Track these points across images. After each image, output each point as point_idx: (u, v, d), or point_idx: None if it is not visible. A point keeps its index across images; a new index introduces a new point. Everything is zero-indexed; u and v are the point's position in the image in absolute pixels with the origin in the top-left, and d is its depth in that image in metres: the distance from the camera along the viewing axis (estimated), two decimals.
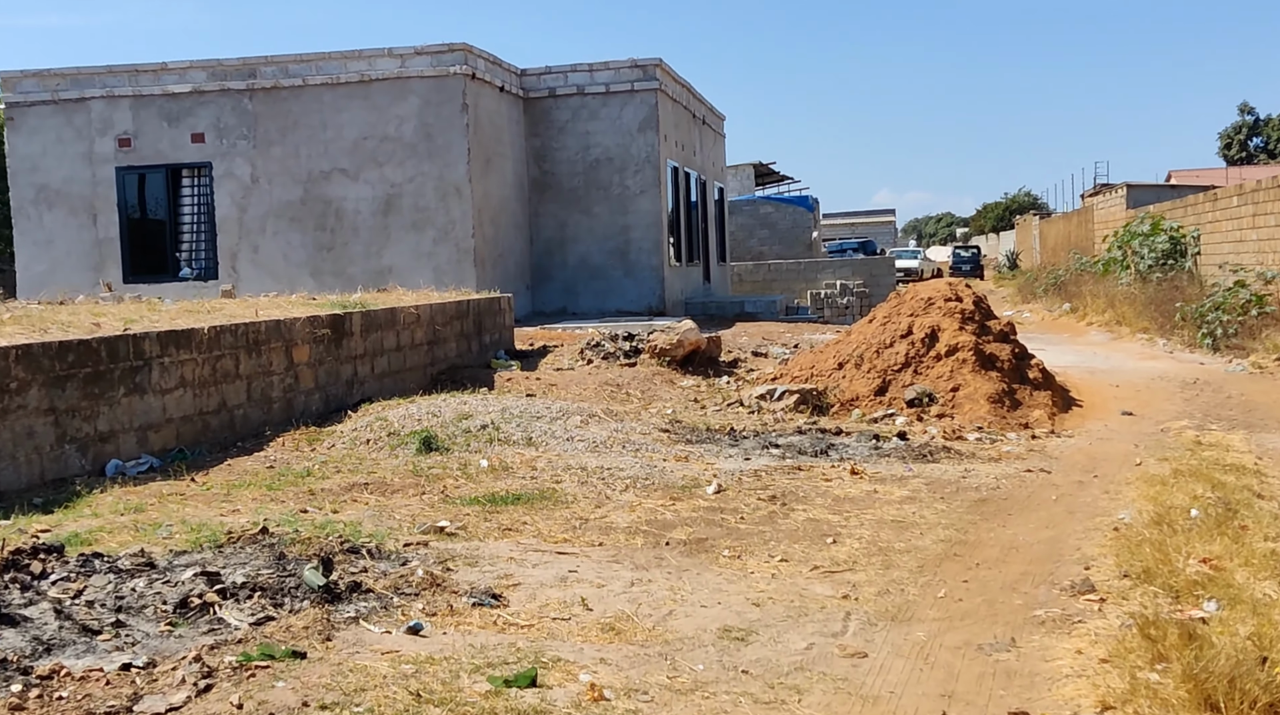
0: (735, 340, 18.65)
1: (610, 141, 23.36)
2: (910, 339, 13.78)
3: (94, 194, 20.90)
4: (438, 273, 20.44)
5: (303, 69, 20.59)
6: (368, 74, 20.48)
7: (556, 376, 15.00)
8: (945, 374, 13.40)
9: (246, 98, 20.71)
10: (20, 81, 20.90)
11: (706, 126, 29.15)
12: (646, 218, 23.39)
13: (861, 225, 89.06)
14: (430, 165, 20.52)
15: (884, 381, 13.50)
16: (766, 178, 53.23)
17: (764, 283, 33.80)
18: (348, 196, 20.71)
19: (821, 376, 14.05)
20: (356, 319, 12.60)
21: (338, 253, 20.78)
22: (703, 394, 14.52)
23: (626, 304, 23.43)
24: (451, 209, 20.52)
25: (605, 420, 11.01)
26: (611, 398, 14.02)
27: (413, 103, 20.46)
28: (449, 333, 15.20)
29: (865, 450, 10.54)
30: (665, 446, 10.20)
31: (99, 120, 20.82)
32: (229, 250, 20.91)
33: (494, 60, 21.75)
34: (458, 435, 9.82)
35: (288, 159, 20.73)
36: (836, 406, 13.37)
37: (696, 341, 16.06)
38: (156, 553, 5.97)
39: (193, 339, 9.66)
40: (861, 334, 14.40)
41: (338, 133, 20.62)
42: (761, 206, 38.66)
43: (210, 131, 20.75)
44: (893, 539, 7.12)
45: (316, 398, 11.66)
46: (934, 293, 14.28)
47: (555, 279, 23.73)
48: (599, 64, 23.34)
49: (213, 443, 9.80)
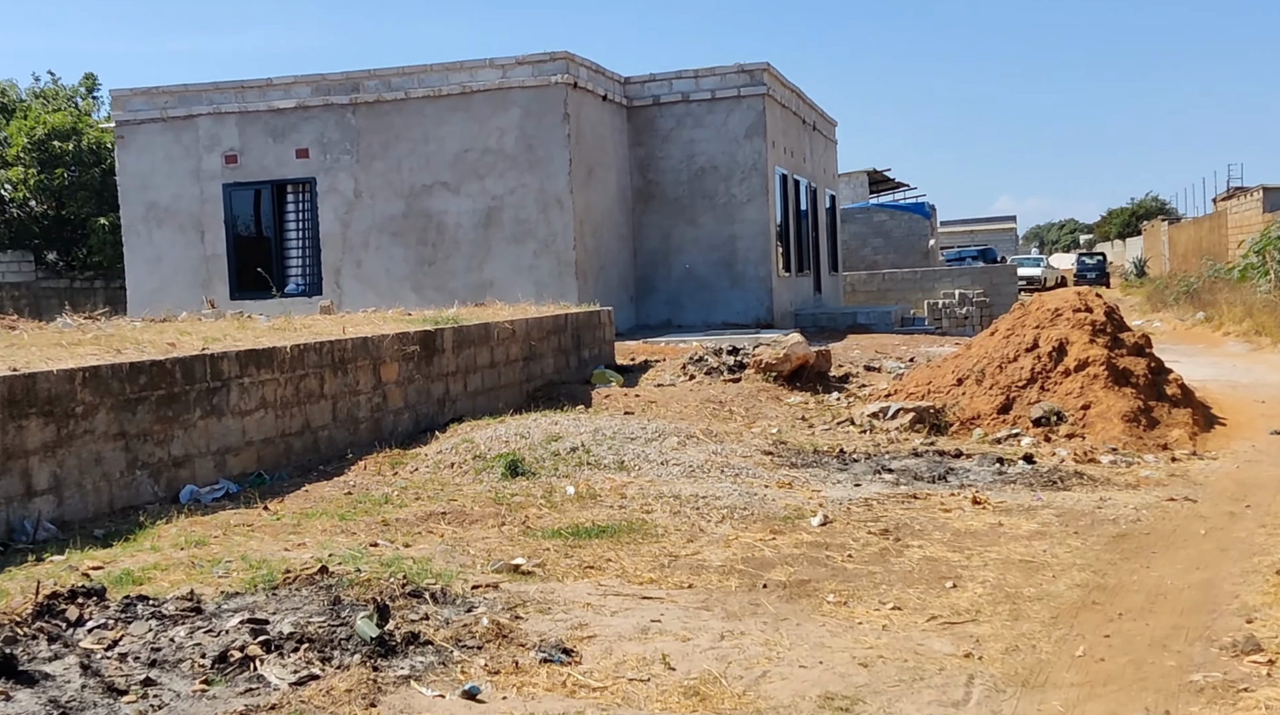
0: (846, 354, 17.83)
1: (716, 149, 22.71)
2: (1036, 353, 12.88)
3: (201, 211, 20.95)
4: (538, 286, 20.02)
5: (405, 82, 20.37)
6: (469, 85, 20.17)
7: (656, 393, 14.39)
8: (1075, 390, 12.47)
9: (350, 112, 20.57)
10: (130, 100, 21.07)
11: (817, 132, 28.34)
12: (753, 227, 22.68)
13: (981, 233, 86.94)
14: (531, 177, 20.11)
15: (1007, 398, 12.62)
16: (881, 185, 52.04)
17: (878, 293, 32.77)
18: (449, 210, 20.41)
19: (939, 393, 13.22)
20: (448, 335, 12.16)
21: (439, 267, 20.49)
22: (810, 412, 13.79)
23: (733, 316, 22.74)
24: (552, 221, 20.09)
25: (704, 441, 10.36)
26: (713, 416, 13.37)
27: (514, 113, 20.09)
28: (545, 348, 14.71)
29: (988, 475, 9.71)
30: (768, 471, 9.51)
31: (206, 137, 20.88)
32: (332, 266, 20.78)
33: (597, 69, 21.29)
34: (546, 458, 9.26)
35: (390, 173, 20.52)
36: (955, 425, 12.53)
37: (804, 356, 15.32)
38: (207, 595, 5.50)
39: (274, 358, 9.28)
40: (982, 347, 13.52)
41: (439, 145, 20.35)
42: (875, 214, 37.61)
43: (314, 147, 20.66)
44: (1021, 582, 6.34)
45: (406, 417, 11.23)
46: (1061, 303, 13.34)
47: (659, 291, 23.15)
48: (704, 70, 22.72)
49: (295, 466, 9.40)
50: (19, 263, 31.44)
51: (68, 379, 7.22)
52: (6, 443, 6.80)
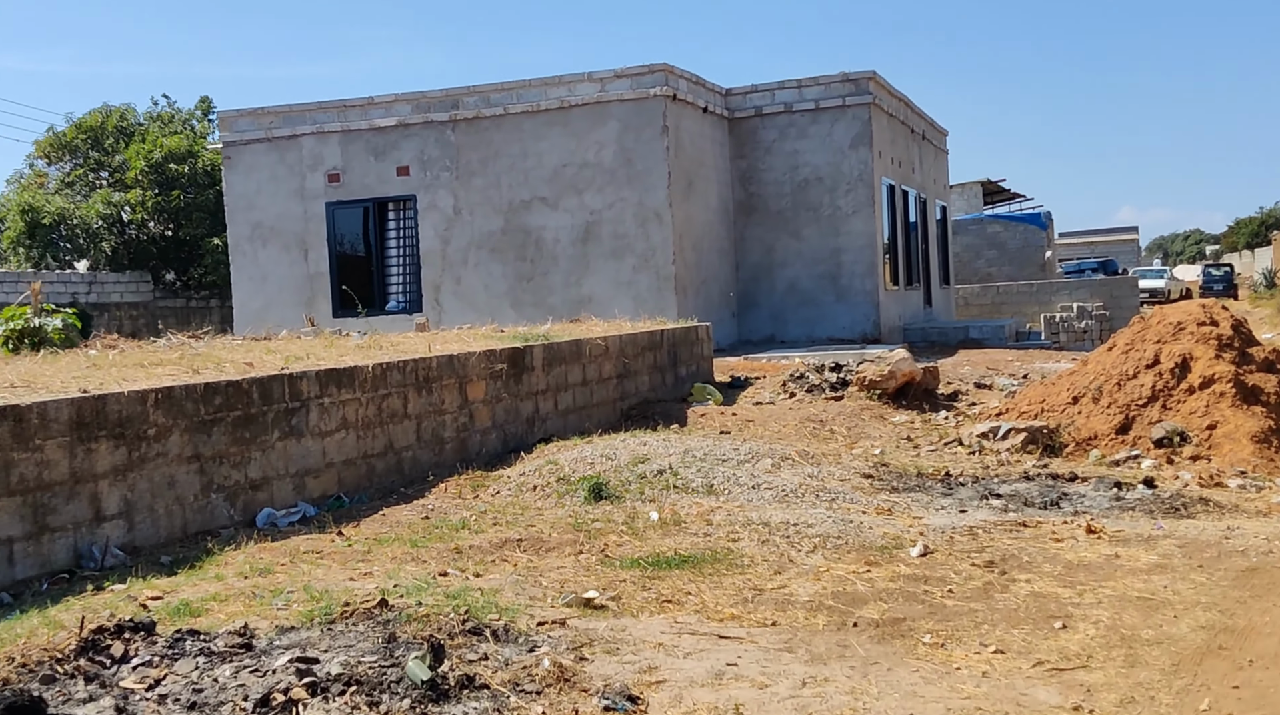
0: (956, 370, 17.16)
1: (820, 160, 22.19)
2: (1157, 369, 12.14)
3: (305, 230, 21.12)
4: (637, 301, 19.72)
5: (504, 98, 20.28)
6: (567, 100, 20.00)
7: (754, 411, 13.95)
8: (1199, 409, 11.71)
9: (449, 129, 20.55)
10: (236, 121, 21.36)
11: (926, 142, 27.60)
12: (859, 239, 22.09)
13: (1101, 244, 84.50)
14: (630, 191, 19.84)
15: (1126, 418, 11.91)
16: (996, 196, 50.74)
17: (992, 306, 31.82)
18: (547, 225, 20.24)
19: (1053, 412, 12.54)
20: (537, 353, 11.89)
21: (537, 283, 20.32)
22: (916, 431, 13.21)
23: (838, 331, 22.17)
24: (651, 235, 19.78)
25: (799, 463, 9.90)
26: (813, 435, 12.88)
27: (612, 127, 19.85)
28: (640, 365, 14.37)
29: (1104, 501, 9.08)
30: (866, 495, 9.02)
31: (309, 156, 21.05)
32: (432, 283, 20.76)
33: (696, 80, 20.96)
34: (631, 481, 8.90)
35: (489, 189, 20.44)
36: (1071, 446, 11.86)
37: (910, 372, 14.73)
38: (261, 629, 5.24)
39: (355, 378, 9.09)
40: (1099, 364, 12.81)
41: (538, 161, 20.20)
42: (989, 225, 36.59)
43: (414, 164, 20.68)
44: (1138, 623, 5.77)
45: (493, 437, 10.98)
46: (1184, 316, 12.57)
47: (762, 306, 22.67)
48: (808, 79, 22.24)
49: (377, 487, 9.19)
50: (137, 283, 32.24)
51: (139, 400, 7.09)
52: (75, 466, 6.67)
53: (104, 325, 30.41)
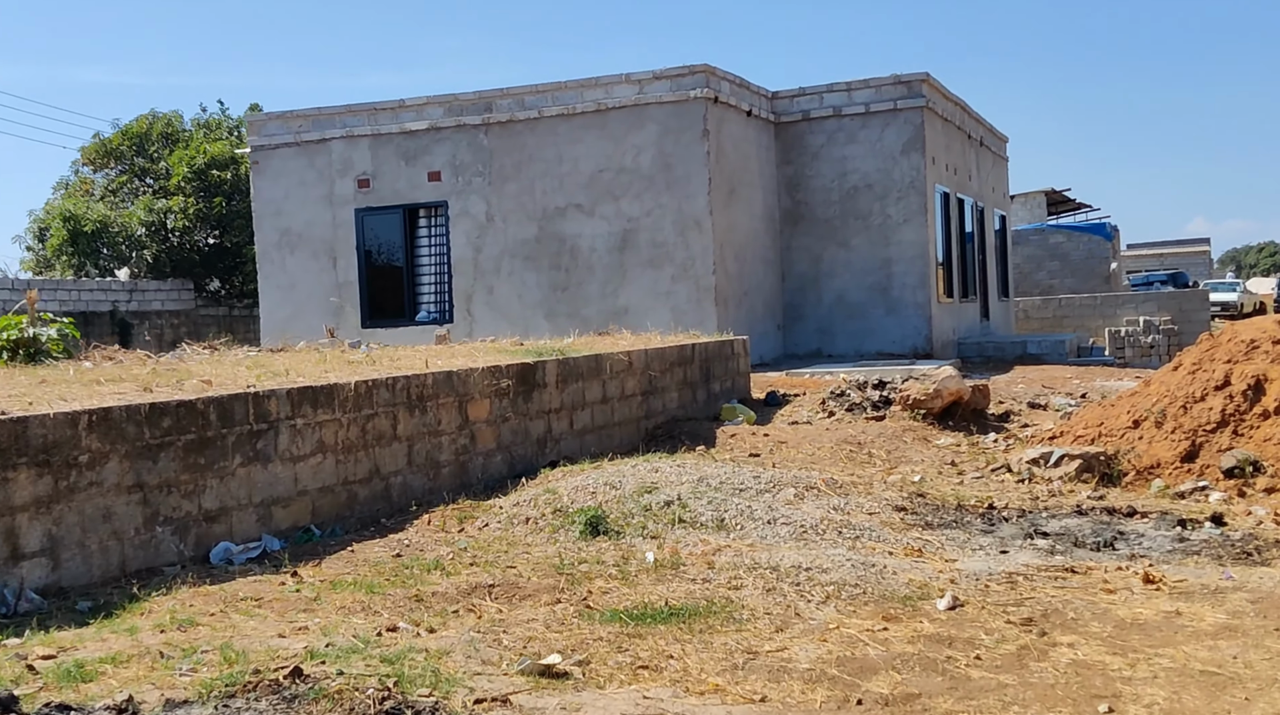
0: (1009, 388, 16.10)
1: (870, 166, 21.21)
2: (1228, 391, 11.05)
3: (334, 237, 20.52)
4: (675, 313, 18.87)
5: (538, 100, 19.54)
6: (604, 102, 19.21)
7: (788, 432, 13.03)
8: (1275, 436, 10.63)
9: (482, 132, 19.85)
10: (265, 124, 20.82)
11: (985, 148, 26.47)
12: (911, 249, 21.06)
13: (1171, 256, 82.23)
14: (668, 197, 19.00)
15: (1193, 445, 10.85)
16: (1060, 206, 49.27)
17: (1054, 320, 30.56)
18: (583, 233, 19.45)
19: (1112, 437, 11.50)
20: (551, 368, 11.07)
21: (572, 293, 19.53)
22: (962, 455, 12.22)
23: (888, 345, 21.15)
24: (691, 244, 18.92)
25: (825, 494, 8.98)
26: (850, 459, 11.94)
27: (650, 131, 19.03)
28: (668, 381, 13.51)
29: (1165, 542, 8.07)
30: (896, 532, 8.08)
31: (339, 161, 20.45)
32: (464, 292, 20.05)
33: (740, 83, 20.08)
34: (635, 514, 8.04)
35: (522, 195, 19.70)
36: (1131, 475, 10.83)
37: (958, 391, 13.73)
38: (148, 703, 4.45)
39: (335, 396, 8.32)
40: (1163, 385, 11.74)
41: (573, 166, 19.43)
42: (1051, 235, 35.26)
43: (446, 169, 20.00)
44: (1201, 707, 4.81)
45: (498, 460, 10.17)
46: (1258, 333, 11.47)
47: (808, 318, 21.71)
48: (858, 82, 21.27)
49: (360, 516, 8.41)
50: (179, 291, 31.94)
51: (69, 423, 6.35)
52: None
53: (145, 333, 30.13)
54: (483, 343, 14.29)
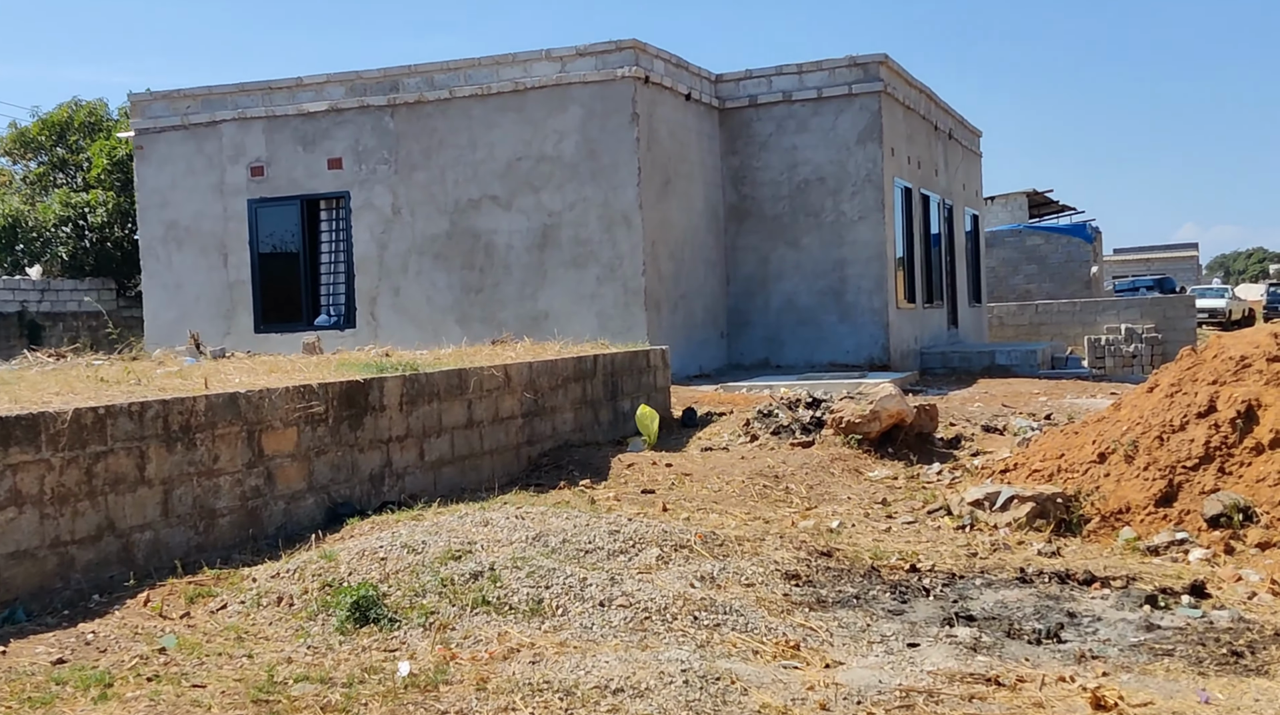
0: (965, 407, 14.14)
1: (822, 157, 19.26)
2: (1212, 419, 9.12)
3: (225, 231, 18.49)
4: (602, 318, 16.89)
5: (449, 79, 17.54)
6: (522, 82, 17.23)
7: (697, 461, 11.06)
8: (1271, 476, 8.71)
9: (387, 114, 17.84)
10: (150, 105, 18.77)
11: (954, 142, 24.54)
12: (866, 249, 19.11)
13: (1158, 261, 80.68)
14: (594, 189, 17.02)
15: (1170, 484, 8.92)
16: (1043, 208, 47.38)
17: (1030, 327, 28.65)
18: (499, 228, 17.46)
19: (1074, 472, 9.57)
20: (391, 388, 9.07)
21: (487, 295, 17.53)
22: (897, 491, 10.28)
23: (841, 355, 19.19)
24: (618, 241, 16.94)
25: (699, 556, 7.00)
26: (762, 496, 9.97)
27: (574, 114, 17.05)
28: (561, 400, 11.52)
29: (1129, 631, 6.12)
30: (774, 615, 6.11)
31: (230, 146, 18.42)
32: (367, 294, 18.03)
33: (677, 62, 18.10)
34: (428, 591, 6.05)
35: (432, 185, 17.70)
36: (1094, 521, 8.93)
37: (898, 413, 11.77)
38: None
39: (42, 429, 6.31)
40: (1136, 410, 9.80)
41: (488, 153, 17.44)
42: (1028, 237, 33.32)
43: (348, 156, 17.99)
44: None
45: (309, 504, 8.17)
46: (1250, 349, 9.53)
47: (755, 325, 19.74)
48: (809, 64, 19.31)
49: (81, 589, 6.39)
50: (98, 290, 29.84)
51: None
52: None
53: (57, 337, 28.05)
54: (360, 353, 12.29)
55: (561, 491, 9.71)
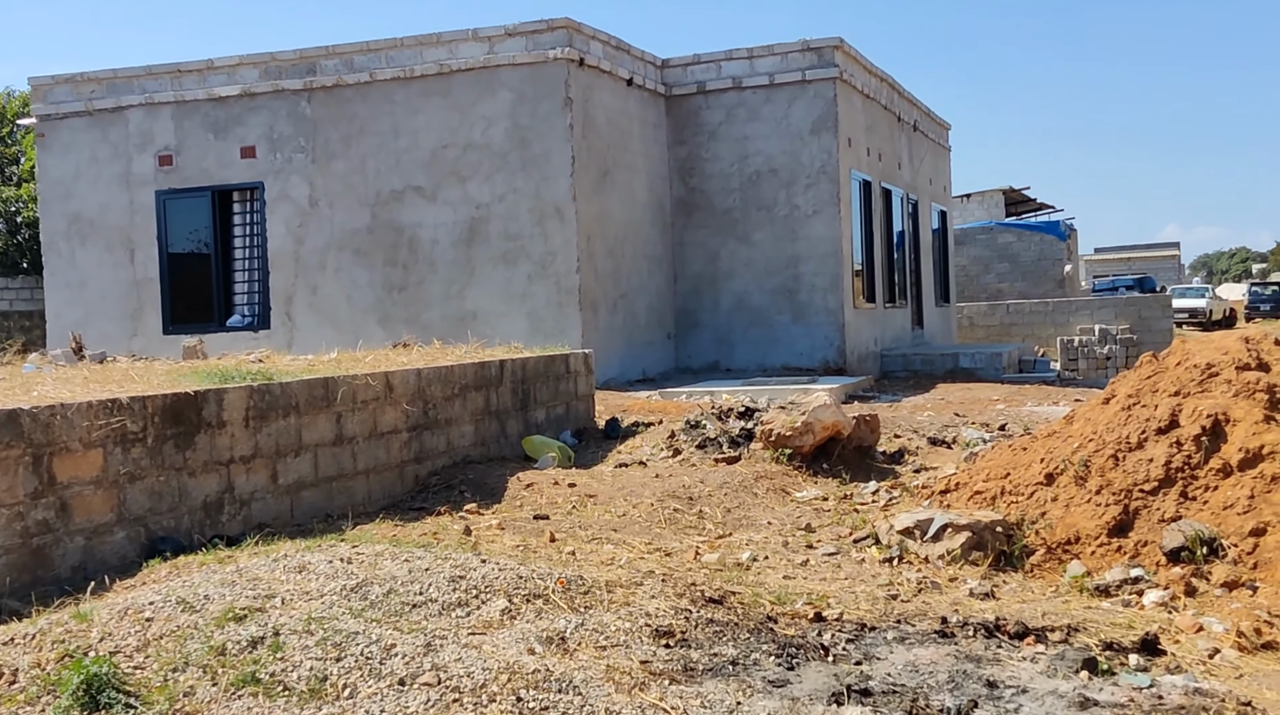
0: (914, 416, 13.00)
1: (774, 148, 18.11)
2: (1174, 436, 7.99)
3: (131, 224, 17.24)
4: (533, 319, 15.72)
5: (370, 61, 16.34)
6: (448, 64, 16.04)
7: (607, 480, 9.89)
8: (1239, 501, 7.59)
9: (304, 99, 16.63)
10: (52, 89, 17.52)
11: (920, 134, 23.42)
12: (821, 246, 17.97)
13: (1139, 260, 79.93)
14: (524, 179, 15.84)
15: (1125, 511, 7.79)
16: (1020, 206, 46.38)
17: (1001, 328, 27.55)
18: (423, 222, 16.26)
19: (1019, 495, 8.43)
20: (234, 401, 7.88)
21: (411, 294, 16.33)
22: (825, 515, 9.14)
23: (795, 358, 18.06)
24: (551, 236, 15.76)
25: (554, 609, 5.83)
26: (671, 522, 8.82)
27: (503, 99, 15.87)
28: (459, 411, 10.34)
29: (1058, 708, 4.97)
30: (624, 693, 4.93)
31: (137, 133, 17.18)
32: (283, 292, 16.82)
33: (616, 44, 16.93)
34: (192, 663, 4.86)
35: (352, 175, 16.49)
36: (1039, 553, 7.80)
37: (834, 425, 10.62)
38: None
39: None
40: (1089, 424, 8.67)
41: (412, 140, 16.24)
42: (1000, 234, 32.22)
43: (262, 143, 16.77)
44: None
45: (119, 538, 6.96)
46: (1218, 357, 8.40)
47: (704, 326, 18.59)
48: (760, 49, 18.17)
49: None
50: (31, 289, 28.51)
51: None
52: None
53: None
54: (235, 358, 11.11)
55: (439, 518, 8.53)
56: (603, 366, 16.14)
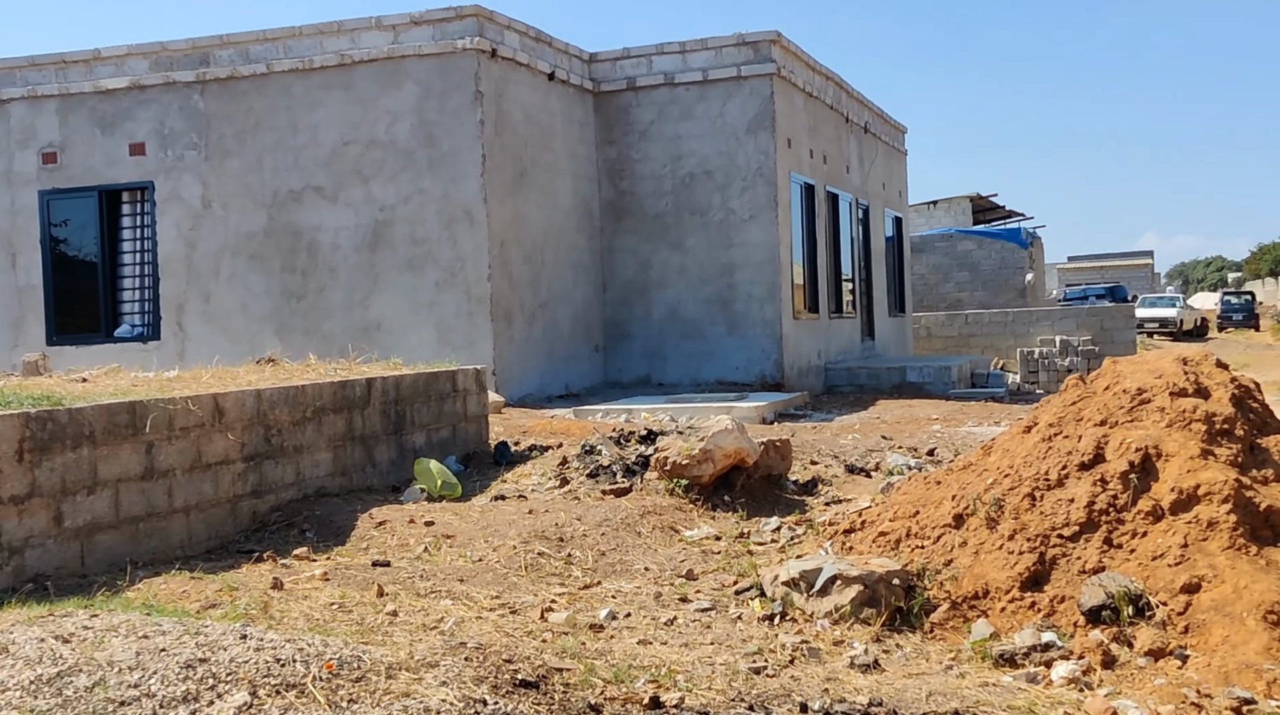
0: (839, 439, 11.89)
1: (709, 148, 17.03)
2: (1099, 473, 6.90)
3: (13, 227, 16.04)
4: (441, 329, 14.59)
5: (267, 51, 15.19)
6: (349, 54, 14.90)
7: (474, 517, 8.75)
8: (1170, 551, 6.50)
9: (196, 92, 15.46)
10: None
11: (872, 136, 22.38)
12: (758, 253, 16.90)
13: (1112, 269, 79.22)
14: (431, 179, 14.71)
15: (1041, 560, 6.70)
16: (988, 213, 45.47)
17: (960, 338, 26.52)
18: (324, 225, 15.11)
19: (925, 538, 7.33)
20: (5, 431, 6.72)
21: (311, 302, 15.17)
22: (713, 559, 8.02)
23: (730, 372, 16.97)
24: (460, 240, 14.63)
25: (307, 706, 4.69)
26: (531, 569, 7.67)
27: (409, 92, 14.74)
28: (311, 437, 9.18)
29: None
30: None
31: (19, 129, 15.98)
32: (174, 300, 15.63)
33: (536, 36, 15.82)
34: None
35: (247, 174, 15.33)
36: (944, 608, 6.70)
37: (737, 452, 9.50)
38: None
39: None
40: (1007, 457, 7.57)
41: (311, 137, 15.09)
42: (960, 242, 31.21)
43: (152, 140, 15.60)
44: None
45: None
46: (1150, 381, 7.32)
47: (635, 337, 17.49)
48: (694, 43, 17.11)
49: None
50: None
51: None
52: None
53: None
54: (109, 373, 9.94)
55: (257, 565, 7.38)
56: (519, 381, 15.04)
